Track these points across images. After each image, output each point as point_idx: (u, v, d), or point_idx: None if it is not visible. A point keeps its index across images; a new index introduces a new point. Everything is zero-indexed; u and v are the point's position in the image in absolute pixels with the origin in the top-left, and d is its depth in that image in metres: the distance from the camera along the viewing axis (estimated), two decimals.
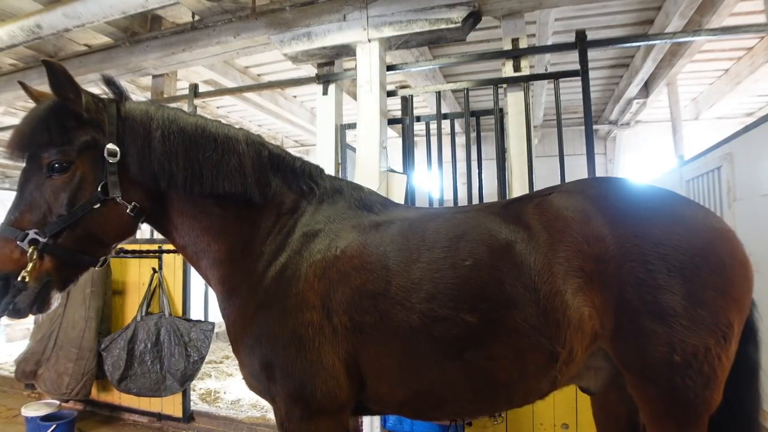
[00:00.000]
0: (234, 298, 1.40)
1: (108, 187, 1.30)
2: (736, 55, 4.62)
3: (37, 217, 1.25)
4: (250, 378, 1.39)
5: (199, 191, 1.37)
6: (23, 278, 1.19)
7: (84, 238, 1.30)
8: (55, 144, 1.27)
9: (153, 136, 1.35)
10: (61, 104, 1.28)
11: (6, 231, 1.23)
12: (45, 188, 1.27)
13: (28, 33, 3.12)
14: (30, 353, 3.23)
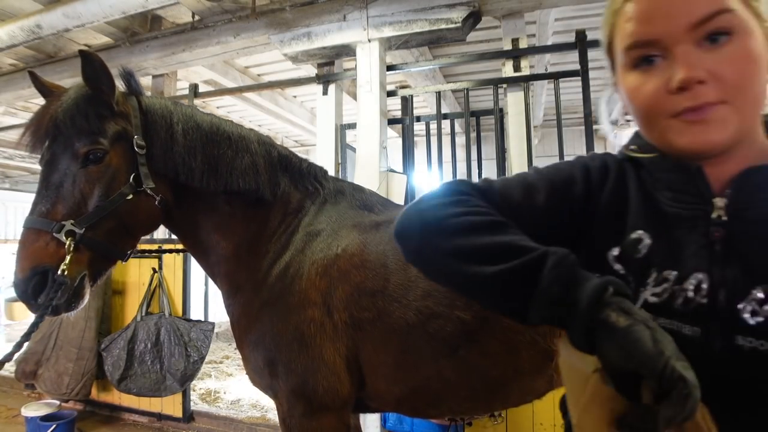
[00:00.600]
0: (239, 295, 1.42)
1: (141, 178, 1.29)
2: None
3: (71, 208, 1.21)
4: (253, 374, 1.40)
5: (214, 187, 1.37)
6: (63, 272, 1.15)
7: (115, 230, 1.28)
8: (93, 133, 1.24)
9: (175, 130, 1.36)
10: (94, 94, 1.27)
11: (39, 222, 1.18)
12: (79, 178, 1.23)
13: (28, 33, 3.12)
14: (30, 353, 3.23)
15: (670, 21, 0.52)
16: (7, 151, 6.93)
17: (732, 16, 0.51)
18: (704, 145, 0.53)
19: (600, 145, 7.15)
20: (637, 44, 0.55)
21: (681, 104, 0.52)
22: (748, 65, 0.51)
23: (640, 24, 0.54)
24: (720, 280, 0.55)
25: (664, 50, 0.53)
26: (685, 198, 0.60)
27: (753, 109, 0.53)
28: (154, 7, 2.87)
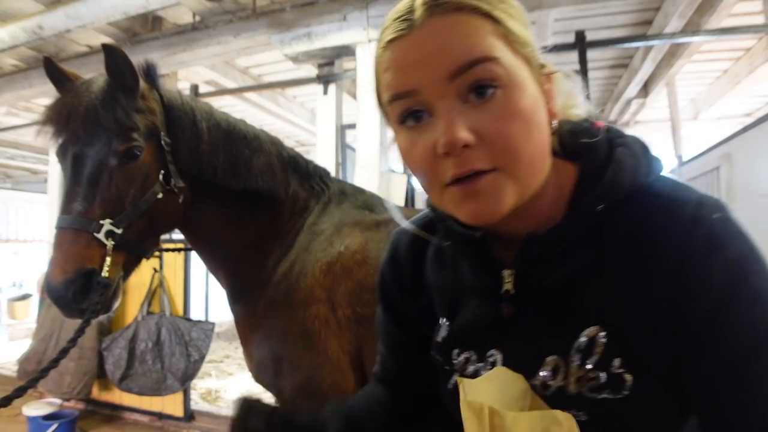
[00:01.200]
0: (244, 292, 1.43)
1: (170, 176, 1.26)
2: (735, 56, 4.63)
3: (108, 207, 1.16)
4: (257, 372, 1.41)
5: (234, 185, 1.36)
6: (105, 273, 1.12)
7: (146, 228, 1.25)
8: (130, 129, 1.20)
9: (200, 128, 1.33)
10: (122, 88, 1.23)
11: (78, 222, 1.12)
12: (116, 176, 1.18)
13: (29, 34, 3.13)
14: (32, 353, 3.24)
15: (426, 71, 0.44)
16: (8, 151, 6.95)
17: (496, 66, 0.44)
18: (480, 218, 0.47)
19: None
20: (396, 96, 0.47)
21: (450, 170, 0.45)
22: (517, 123, 0.44)
23: (396, 74, 0.47)
24: (511, 356, 0.54)
25: (427, 105, 0.46)
26: (479, 270, 0.56)
27: (530, 172, 0.47)
28: (155, 7, 2.88)
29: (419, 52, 0.45)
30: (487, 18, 0.45)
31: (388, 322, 0.71)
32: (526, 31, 0.49)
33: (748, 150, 2.97)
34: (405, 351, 0.70)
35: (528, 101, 0.46)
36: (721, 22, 3.50)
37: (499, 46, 0.45)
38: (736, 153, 3.14)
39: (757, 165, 2.85)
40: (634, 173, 0.50)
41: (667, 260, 0.45)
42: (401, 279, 0.67)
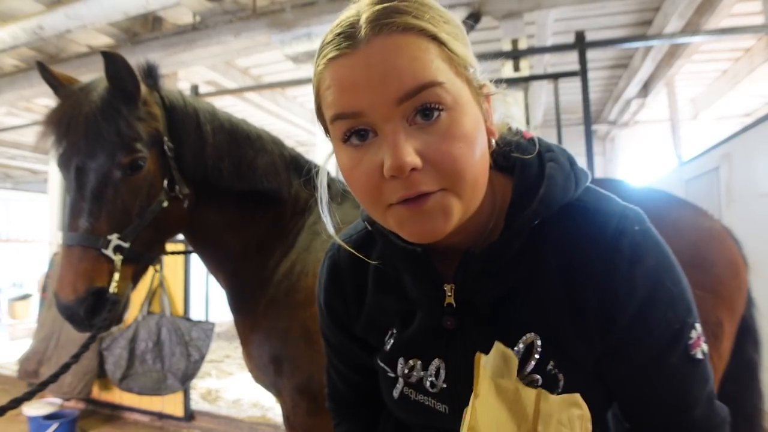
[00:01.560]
0: (245, 292, 1.43)
1: (175, 183, 1.23)
2: (735, 56, 4.63)
3: (114, 221, 1.14)
4: (258, 371, 1.41)
5: (238, 187, 1.34)
6: (114, 290, 1.11)
7: (153, 238, 1.23)
8: (133, 139, 1.16)
9: (204, 130, 1.30)
10: (123, 95, 1.19)
11: (86, 239, 1.11)
12: (121, 189, 1.15)
13: (30, 34, 3.13)
14: (32, 353, 3.25)
15: (373, 94, 0.44)
16: (9, 151, 6.95)
17: (442, 90, 0.44)
18: (425, 237, 0.47)
19: (599, 144, 7.13)
20: (341, 116, 0.46)
21: (397, 192, 0.45)
22: (461, 145, 0.45)
23: (341, 94, 0.45)
24: (455, 365, 0.57)
25: (372, 125, 0.45)
26: (421, 284, 0.57)
27: (474, 190, 0.47)
28: (155, 8, 2.89)
29: (366, 73, 0.44)
30: (433, 40, 0.45)
31: (340, 339, 0.71)
32: (468, 51, 0.50)
33: (748, 150, 2.98)
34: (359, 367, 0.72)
35: (470, 123, 0.47)
36: (720, 23, 3.50)
37: (444, 69, 0.45)
38: (736, 153, 3.14)
39: (757, 165, 2.85)
40: (564, 188, 0.53)
41: (596, 270, 0.50)
42: (345, 295, 0.67)
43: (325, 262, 0.70)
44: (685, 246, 1.18)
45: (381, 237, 0.58)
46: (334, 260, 0.68)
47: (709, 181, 3.58)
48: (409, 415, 0.63)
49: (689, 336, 0.52)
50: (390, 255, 0.59)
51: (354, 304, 0.67)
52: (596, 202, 0.53)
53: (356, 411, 0.76)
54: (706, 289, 1.16)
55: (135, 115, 1.19)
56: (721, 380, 1.22)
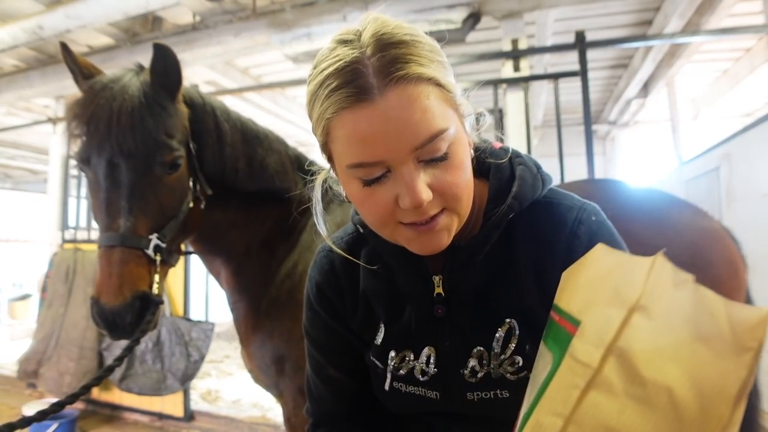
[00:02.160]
0: (247, 291, 1.42)
1: (201, 183, 1.22)
2: (735, 56, 4.63)
3: (154, 221, 1.11)
4: (259, 372, 1.40)
5: (251, 187, 1.33)
6: (157, 291, 1.08)
7: (179, 238, 1.21)
8: (174, 137, 1.14)
9: (223, 129, 1.28)
10: (162, 92, 1.16)
11: (130, 239, 1.06)
12: (160, 188, 1.12)
13: (30, 34, 3.13)
14: (32, 353, 3.25)
15: (391, 144, 0.49)
16: (8, 151, 6.95)
17: (447, 135, 0.50)
18: (431, 251, 0.55)
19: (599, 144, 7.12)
20: (362, 165, 0.51)
21: (408, 217, 0.52)
22: (460, 175, 0.52)
23: (362, 145, 0.50)
24: (444, 352, 0.63)
25: (387, 167, 0.51)
26: (413, 278, 0.63)
27: (467, 205, 0.55)
28: (155, 7, 2.88)
29: (384, 127, 0.48)
30: (434, 84, 0.50)
31: (335, 338, 0.71)
32: (452, 76, 0.54)
33: (748, 150, 2.98)
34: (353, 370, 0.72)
35: (463, 150, 0.54)
36: (721, 22, 3.50)
37: (445, 111, 0.51)
38: (736, 153, 3.14)
39: (757, 165, 2.85)
40: (533, 187, 0.61)
41: (558, 254, 0.58)
42: (342, 291, 0.70)
43: (319, 262, 0.73)
44: (684, 246, 1.18)
45: (374, 238, 0.64)
46: (330, 259, 0.71)
47: (709, 181, 3.58)
48: (401, 406, 0.67)
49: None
50: (383, 254, 0.65)
51: (350, 299, 0.69)
52: (560, 199, 0.62)
53: (349, 426, 0.73)
54: None
55: (174, 112, 1.17)
56: None
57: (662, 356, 0.36)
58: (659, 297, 0.39)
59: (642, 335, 0.38)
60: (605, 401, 0.37)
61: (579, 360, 0.41)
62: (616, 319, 0.39)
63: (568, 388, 0.40)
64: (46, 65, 3.96)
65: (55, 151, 4.05)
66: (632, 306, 0.39)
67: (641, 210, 1.24)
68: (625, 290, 0.41)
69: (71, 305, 3.23)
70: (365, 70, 0.48)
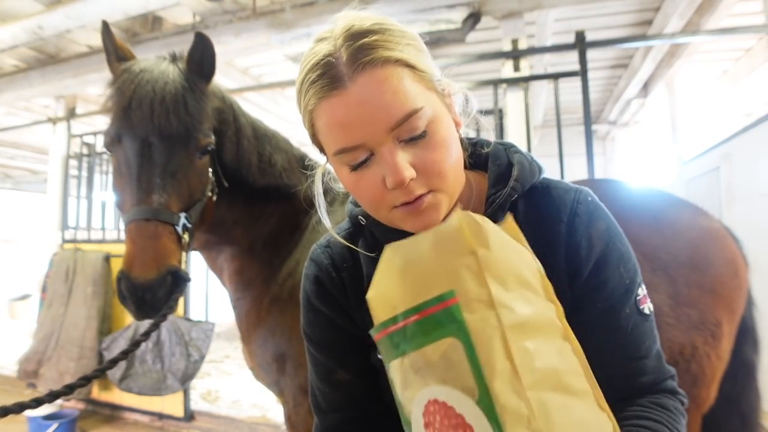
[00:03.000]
0: (249, 289, 1.42)
1: (219, 174, 1.25)
2: (735, 56, 4.63)
3: (183, 200, 1.12)
4: (260, 370, 1.40)
5: (260, 183, 1.34)
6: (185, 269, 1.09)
7: (198, 225, 1.23)
8: (209, 124, 1.18)
9: (240, 123, 1.30)
10: (203, 79, 1.20)
11: (164, 214, 1.07)
12: (191, 170, 1.14)
13: (29, 34, 3.13)
14: (32, 353, 3.25)
15: (368, 128, 0.52)
16: (8, 151, 6.95)
17: (422, 113, 0.52)
18: (422, 228, 0.55)
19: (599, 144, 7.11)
20: (345, 150, 0.54)
21: (398, 199, 0.54)
22: (443, 152, 0.54)
23: (340, 132, 0.53)
24: None
25: (370, 150, 0.53)
26: None
27: (455, 184, 0.57)
28: (155, 7, 2.89)
29: (358, 111, 0.51)
30: (405, 66, 0.53)
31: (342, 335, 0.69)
32: (429, 61, 0.57)
33: (748, 150, 2.98)
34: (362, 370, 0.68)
35: (445, 128, 0.55)
36: (721, 22, 3.50)
37: (419, 90, 0.53)
38: (736, 153, 3.14)
39: (757, 165, 2.85)
40: (531, 172, 0.64)
41: (560, 232, 0.60)
42: (343, 284, 0.68)
43: (316, 258, 0.71)
44: (683, 246, 1.18)
45: (377, 227, 0.66)
46: (328, 254, 0.71)
47: (709, 181, 3.58)
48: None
49: (637, 292, 0.61)
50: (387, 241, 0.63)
51: (353, 291, 0.67)
52: (555, 183, 0.65)
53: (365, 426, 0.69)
54: (704, 288, 1.16)
55: (209, 100, 1.21)
56: (719, 380, 1.21)
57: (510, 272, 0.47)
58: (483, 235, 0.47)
59: (490, 259, 0.46)
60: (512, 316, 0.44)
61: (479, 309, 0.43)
62: (471, 264, 0.45)
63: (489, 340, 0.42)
64: (46, 65, 3.96)
65: (55, 151, 4.05)
66: (471, 251, 0.46)
67: (641, 210, 1.24)
68: (453, 249, 0.47)
69: (71, 305, 3.23)
70: (336, 61, 0.52)
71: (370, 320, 0.64)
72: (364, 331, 0.66)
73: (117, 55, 1.21)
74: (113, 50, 1.21)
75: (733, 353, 1.22)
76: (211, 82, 1.23)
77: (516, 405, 0.39)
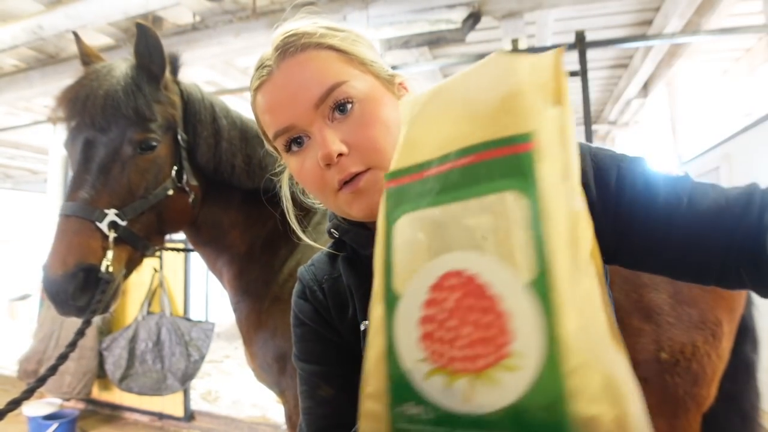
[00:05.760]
0: (249, 291, 1.41)
1: (182, 173, 1.23)
2: (735, 56, 4.63)
3: (117, 197, 1.11)
4: (261, 370, 1.40)
5: (248, 185, 1.33)
6: (107, 268, 1.06)
7: (153, 225, 1.21)
8: (149, 119, 1.16)
9: (220, 125, 1.30)
10: (146, 75, 1.19)
11: (82, 209, 1.06)
12: (129, 166, 1.13)
13: (29, 34, 3.13)
14: (32, 353, 3.25)
15: (293, 107, 0.53)
16: (8, 151, 6.95)
17: (347, 87, 0.53)
18: (370, 212, 0.53)
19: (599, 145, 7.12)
20: (278, 134, 0.56)
21: (335, 177, 0.53)
22: (376, 128, 0.53)
23: (271, 114, 0.55)
24: None
25: (303, 132, 0.54)
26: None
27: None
28: (155, 7, 2.89)
29: (284, 93, 0.54)
30: (329, 49, 0.55)
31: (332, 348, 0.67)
32: (370, 51, 0.59)
33: (748, 150, 2.98)
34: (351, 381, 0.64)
35: (383, 108, 0.55)
36: (721, 22, 3.50)
37: (347, 69, 0.55)
38: (736, 153, 3.14)
39: (757, 165, 2.85)
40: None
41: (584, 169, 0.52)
42: (325, 297, 0.68)
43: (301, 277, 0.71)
44: None
45: (346, 234, 0.64)
46: (310, 271, 0.71)
47: (709, 181, 3.57)
48: None
49: (643, 167, 0.53)
50: (357, 247, 0.63)
51: (335, 302, 0.67)
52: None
53: None
54: (705, 288, 1.16)
55: (155, 96, 1.20)
56: (720, 379, 1.22)
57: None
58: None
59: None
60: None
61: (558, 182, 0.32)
62: (556, 117, 0.35)
63: (558, 212, 0.31)
64: (46, 65, 3.96)
65: (55, 151, 4.05)
66: (559, 101, 0.38)
67: None
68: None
69: None
70: (269, 59, 0.56)
71: (353, 331, 0.64)
72: (348, 342, 0.66)
73: (83, 61, 1.27)
74: (85, 58, 1.27)
75: (732, 352, 1.23)
76: (163, 74, 1.21)
77: (576, 300, 0.29)
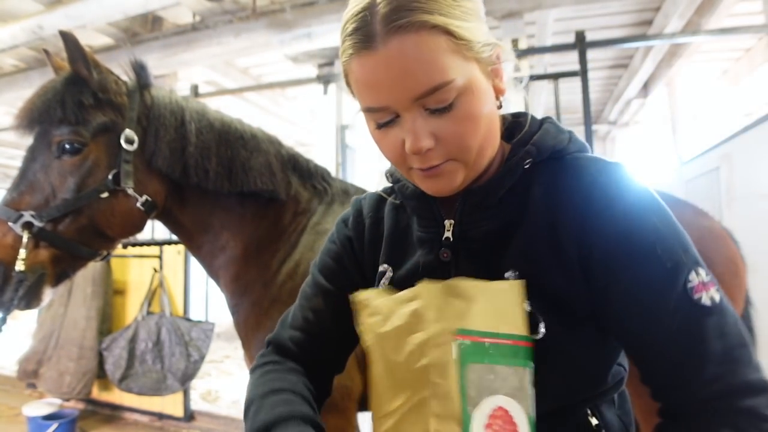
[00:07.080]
0: (248, 293, 1.40)
1: (120, 177, 1.22)
2: (735, 56, 4.63)
3: (37, 199, 1.15)
4: None
5: (228, 188, 1.33)
6: (21, 267, 1.09)
7: (87, 228, 1.21)
8: (69, 122, 1.17)
9: (187, 129, 1.29)
10: (78, 80, 1.21)
11: (2, 211, 1.12)
12: (51, 169, 1.16)
13: (29, 34, 3.13)
14: (31, 353, 3.25)
15: (394, 92, 0.51)
16: (8, 151, 6.95)
17: (451, 87, 0.50)
18: (439, 193, 0.58)
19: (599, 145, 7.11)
20: (370, 109, 0.55)
21: (415, 163, 0.55)
22: (468, 126, 0.53)
23: (367, 91, 0.54)
24: None
25: (395, 112, 0.54)
26: (426, 222, 0.65)
27: (479, 157, 0.56)
28: (155, 7, 2.89)
29: (387, 75, 0.51)
30: (443, 33, 0.50)
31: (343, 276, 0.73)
32: (477, 25, 0.53)
33: (748, 150, 2.97)
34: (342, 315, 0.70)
35: (478, 102, 0.53)
36: (721, 23, 3.50)
37: (455, 62, 0.51)
38: (736, 153, 3.14)
39: (757, 165, 2.85)
40: (556, 139, 0.60)
41: (576, 203, 0.54)
42: (362, 230, 0.73)
43: (351, 204, 0.78)
44: None
45: (398, 183, 0.68)
46: (359, 205, 0.76)
47: (709, 181, 3.57)
48: None
49: (688, 278, 0.50)
50: (404, 197, 0.67)
51: (369, 237, 0.72)
52: (587, 155, 0.59)
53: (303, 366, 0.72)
54: None
55: (84, 100, 1.20)
56: None
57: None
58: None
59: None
60: None
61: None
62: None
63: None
64: (46, 65, 3.94)
65: None
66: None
67: None
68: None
69: (71, 305, 3.22)
70: (372, 18, 0.50)
71: (375, 267, 0.70)
72: (363, 277, 0.72)
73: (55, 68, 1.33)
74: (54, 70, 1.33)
75: None
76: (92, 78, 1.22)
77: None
